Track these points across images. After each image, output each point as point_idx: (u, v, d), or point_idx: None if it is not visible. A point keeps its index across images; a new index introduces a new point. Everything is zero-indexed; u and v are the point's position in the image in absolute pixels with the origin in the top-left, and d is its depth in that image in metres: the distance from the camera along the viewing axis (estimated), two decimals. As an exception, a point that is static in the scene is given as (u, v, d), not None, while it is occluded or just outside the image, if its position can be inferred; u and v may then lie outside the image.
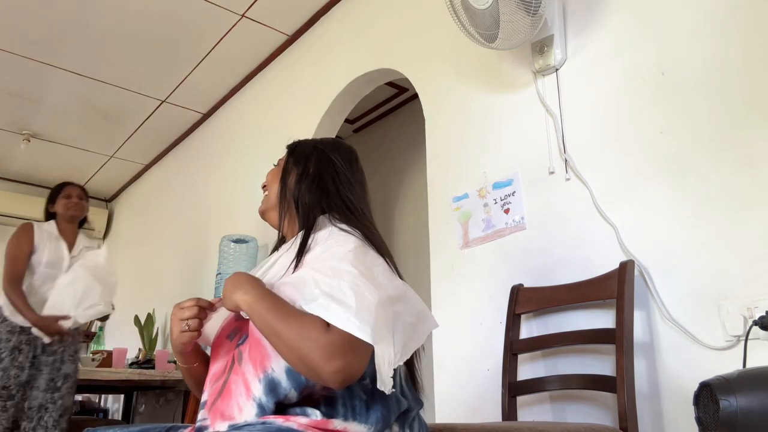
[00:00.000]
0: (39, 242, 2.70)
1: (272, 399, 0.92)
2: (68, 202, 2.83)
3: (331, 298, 0.88)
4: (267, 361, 0.94)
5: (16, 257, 2.64)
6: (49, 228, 2.78)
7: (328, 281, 0.92)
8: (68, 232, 2.82)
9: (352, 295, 0.88)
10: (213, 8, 3.12)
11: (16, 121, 4.44)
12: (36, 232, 2.72)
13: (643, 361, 1.55)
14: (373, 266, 0.98)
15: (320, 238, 1.05)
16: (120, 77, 3.82)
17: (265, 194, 1.24)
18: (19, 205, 5.37)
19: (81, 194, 2.91)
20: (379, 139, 4.23)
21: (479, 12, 1.82)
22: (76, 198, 2.86)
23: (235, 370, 0.98)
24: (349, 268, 0.93)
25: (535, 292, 1.81)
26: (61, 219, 2.82)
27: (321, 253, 1.01)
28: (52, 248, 2.71)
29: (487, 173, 2.11)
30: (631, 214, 1.66)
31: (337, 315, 0.86)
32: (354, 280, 0.91)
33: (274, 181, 1.22)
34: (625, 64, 1.75)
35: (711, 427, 0.95)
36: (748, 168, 1.43)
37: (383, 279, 0.97)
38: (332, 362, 0.85)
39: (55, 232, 2.77)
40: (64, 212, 2.81)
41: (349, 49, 2.97)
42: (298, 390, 0.92)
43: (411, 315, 0.96)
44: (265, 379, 0.93)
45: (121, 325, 4.42)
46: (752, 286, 1.38)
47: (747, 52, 1.48)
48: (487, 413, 1.88)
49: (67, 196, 2.84)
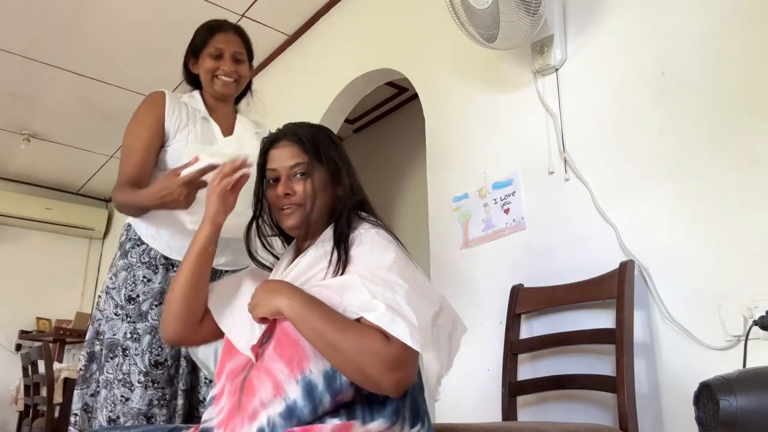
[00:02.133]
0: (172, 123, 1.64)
1: (309, 404, 0.92)
2: (216, 67, 1.67)
3: (393, 310, 0.89)
4: (305, 363, 0.94)
5: (131, 149, 1.59)
6: (190, 101, 1.70)
7: (382, 292, 0.92)
8: (220, 111, 1.73)
9: (410, 310, 0.90)
10: (213, 8, 3.12)
11: (16, 121, 4.44)
12: (168, 106, 1.65)
13: (643, 361, 1.55)
14: (416, 277, 1.00)
15: (356, 238, 1.05)
16: (120, 77, 3.82)
17: (288, 209, 1.11)
18: (19, 205, 5.37)
19: (240, 50, 1.71)
20: (379, 139, 4.23)
21: (479, 12, 1.82)
22: (231, 62, 1.68)
23: (257, 366, 0.99)
24: (399, 281, 0.95)
25: (535, 292, 1.81)
26: (207, 92, 1.72)
27: (362, 255, 1.00)
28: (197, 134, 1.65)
29: (487, 173, 2.11)
30: (631, 214, 1.66)
31: (402, 329, 0.88)
32: (407, 294, 0.93)
33: (311, 192, 1.10)
34: (625, 64, 1.75)
35: (711, 427, 0.95)
36: (748, 168, 1.43)
37: (428, 291, 0.99)
38: (394, 374, 0.88)
39: (202, 108, 1.69)
40: (209, 85, 1.69)
41: (349, 49, 2.97)
42: (332, 395, 0.93)
43: (448, 325, 1.00)
44: (302, 381, 0.93)
45: (121, 325, 4.41)
46: (752, 286, 1.38)
47: (747, 52, 1.48)
48: (487, 413, 1.88)
49: (217, 55, 1.67)
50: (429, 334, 0.90)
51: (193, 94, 1.72)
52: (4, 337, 5.29)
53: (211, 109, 1.70)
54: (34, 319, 5.43)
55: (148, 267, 1.55)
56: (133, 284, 1.54)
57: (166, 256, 1.57)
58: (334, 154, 1.15)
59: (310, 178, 1.10)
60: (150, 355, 1.49)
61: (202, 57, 1.70)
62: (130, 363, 1.49)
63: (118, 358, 1.50)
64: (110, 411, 1.46)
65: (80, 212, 5.71)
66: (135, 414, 1.45)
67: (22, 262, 5.52)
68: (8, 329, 5.31)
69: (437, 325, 0.95)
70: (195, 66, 1.74)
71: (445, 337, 0.97)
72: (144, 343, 1.50)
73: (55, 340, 4.69)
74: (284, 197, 1.11)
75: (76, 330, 4.82)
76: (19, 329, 5.31)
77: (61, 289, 5.69)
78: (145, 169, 1.57)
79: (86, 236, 5.89)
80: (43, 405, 3.15)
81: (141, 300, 1.53)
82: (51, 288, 5.63)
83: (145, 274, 1.55)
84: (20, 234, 5.56)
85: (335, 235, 1.06)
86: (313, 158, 1.12)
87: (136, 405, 1.45)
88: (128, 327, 1.51)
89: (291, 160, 1.12)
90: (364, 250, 1.01)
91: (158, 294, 1.53)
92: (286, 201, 1.11)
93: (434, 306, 0.97)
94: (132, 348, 1.50)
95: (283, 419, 0.91)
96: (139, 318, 1.52)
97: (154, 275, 1.55)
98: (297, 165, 1.11)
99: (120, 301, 1.54)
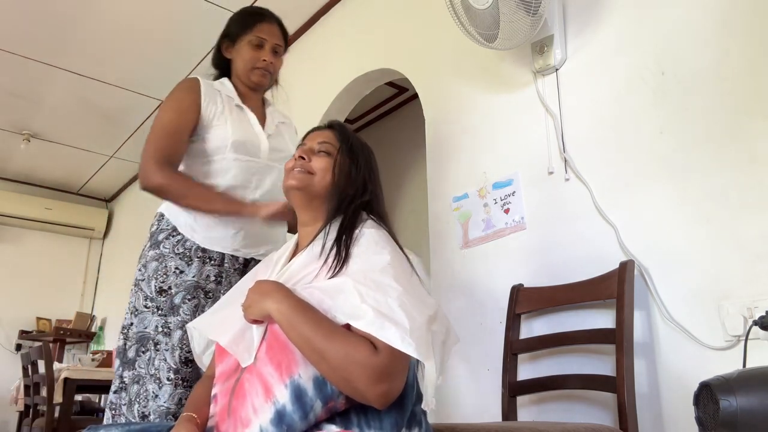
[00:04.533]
0: (209, 110, 1.58)
1: (299, 410, 0.90)
2: (256, 57, 1.64)
3: (383, 315, 0.87)
4: (294, 367, 0.92)
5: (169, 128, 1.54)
6: (222, 88, 1.65)
7: (374, 295, 0.90)
8: (252, 99, 1.69)
9: (402, 314, 0.88)
10: (213, 8, 3.12)
11: (16, 121, 4.44)
12: (204, 93, 1.59)
13: (643, 361, 1.55)
14: (411, 281, 0.98)
15: (357, 237, 1.04)
16: (120, 77, 3.82)
17: (297, 169, 1.12)
18: (19, 205, 5.37)
19: (279, 43, 1.68)
20: (379, 139, 4.23)
21: (479, 12, 1.82)
22: (271, 54, 1.65)
23: (249, 369, 0.96)
24: (392, 283, 0.93)
25: (535, 292, 1.81)
26: (239, 80, 1.68)
27: (359, 255, 0.99)
28: (233, 121, 1.59)
29: (487, 173, 2.11)
30: (631, 214, 1.66)
31: (393, 334, 0.86)
32: (400, 297, 0.90)
33: (327, 169, 1.12)
34: (625, 64, 1.75)
35: (711, 427, 0.95)
36: (748, 168, 1.43)
37: (424, 296, 0.97)
38: (379, 386, 0.86)
39: (235, 95, 1.65)
40: (244, 74, 1.65)
41: (349, 49, 2.97)
42: (324, 402, 0.91)
43: (442, 333, 0.96)
44: (291, 385, 0.91)
45: (121, 325, 4.41)
46: (752, 286, 1.38)
47: (747, 52, 1.48)
48: (487, 413, 1.88)
49: (258, 44, 1.64)
50: (424, 336, 0.88)
51: (223, 82, 1.67)
52: (4, 337, 5.30)
53: (242, 96, 1.66)
54: (34, 319, 5.44)
55: (182, 258, 1.49)
56: (164, 275, 1.47)
57: (204, 247, 1.50)
58: (362, 160, 1.17)
59: (331, 158, 1.14)
60: (180, 351, 1.42)
61: (241, 43, 1.64)
62: (160, 359, 1.42)
63: (150, 353, 1.43)
64: (143, 407, 1.39)
65: (80, 212, 5.72)
66: (163, 413, 1.37)
67: (22, 262, 5.52)
68: (8, 329, 5.31)
69: (433, 330, 0.92)
70: (230, 51, 1.68)
71: (438, 345, 0.93)
72: (174, 338, 1.43)
73: (55, 340, 4.69)
74: (298, 159, 1.14)
75: (76, 330, 4.83)
76: (19, 329, 5.31)
77: (61, 289, 5.69)
78: (181, 151, 1.53)
79: (86, 236, 5.89)
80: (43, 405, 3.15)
81: (173, 292, 1.46)
82: (51, 288, 5.63)
83: (178, 265, 1.48)
84: (20, 234, 5.56)
85: (339, 231, 1.06)
86: (343, 148, 1.15)
87: (165, 403, 1.38)
88: (159, 320, 1.44)
89: (321, 138, 1.17)
90: (361, 250, 1.00)
91: (192, 288, 1.47)
92: (299, 163, 1.13)
93: (429, 310, 0.94)
94: (162, 343, 1.43)
95: (274, 426, 0.89)
96: (171, 311, 1.45)
97: (188, 267, 1.49)
98: (324, 143, 1.16)
99: (150, 293, 1.47)
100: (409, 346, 0.84)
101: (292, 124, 1.78)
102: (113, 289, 5.47)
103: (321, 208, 1.13)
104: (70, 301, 5.67)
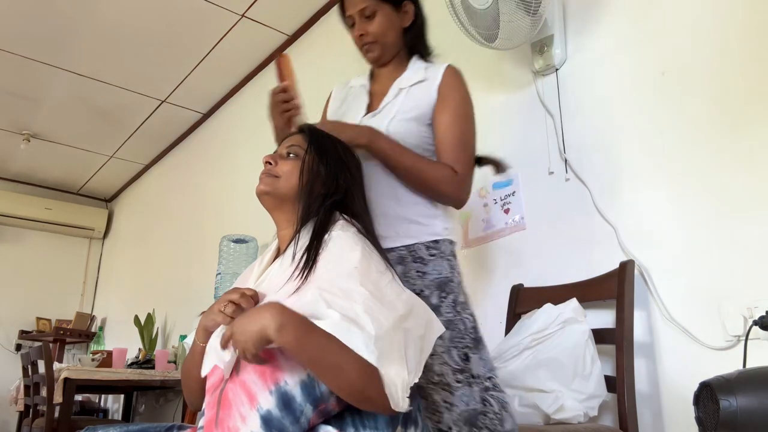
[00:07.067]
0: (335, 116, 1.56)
1: (289, 415, 0.90)
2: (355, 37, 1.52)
3: (349, 320, 0.87)
4: (279, 374, 0.92)
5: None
6: (358, 79, 1.62)
7: (339, 302, 0.90)
8: (381, 76, 1.55)
9: (368, 320, 0.87)
10: (213, 8, 3.12)
11: (16, 121, 4.44)
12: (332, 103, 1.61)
13: (643, 361, 1.55)
14: (379, 281, 0.97)
15: (327, 242, 1.04)
16: (120, 77, 3.82)
17: (265, 174, 1.14)
18: (19, 205, 5.37)
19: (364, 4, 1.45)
20: (379, 139, 4.23)
21: (479, 12, 1.82)
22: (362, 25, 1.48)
23: (231, 379, 0.96)
24: (358, 288, 0.92)
25: (535, 292, 1.81)
26: None
27: (326, 262, 0.99)
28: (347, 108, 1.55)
29: (487, 173, 2.11)
30: (631, 214, 1.66)
31: (358, 340, 0.86)
32: (366, 302, 0.90)
33: (293, 172, 1.12)
34: (625, 64, 1.75)
35: (711, 427, 0.95)
36: (748, 168, 1.43)
37: (392, 295, 0.96)
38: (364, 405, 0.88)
39: (366, 81, 1.59)
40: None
41: (350, 49, 2.96)
42: (314, 405, 0.91)
43: (420, 327, 0.95)
44: (277, 392, 0.91)
45: (121, 325, 4.42)
46: (752, 286, 1.38)
47: (747, 52, 1.48)
48: (487, 413, 1.88)
49: (351, 24, 1.51)
50: (389, 342, 0.87)
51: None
52: (4, 337, 5.29)
53: (375, 76, 1.55)
54: (34, 319, 5.44)
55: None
56: None
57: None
58: (332, 158, 1.15)
59: (299, 160, 1.14)
60: None
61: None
62: None
63: None
64: None
65: (80, 212, 5.71)
66: None
67: (22, 262, 5.52)
68: (8, 329, 5.31)
69: (404, 328, 0.91)
70: None
71: (415, 340, 0.92)
72: None
73: (55, 340, 4.69)
74: (266, 164, 1.16)
75: (76, 330, 4.83)
76: (19, 329, 5.31)
77: (61, 289, 5.69)
78: None
79: (86, 236, 5.88)
80: (43, 405, 3.14)
81: None
82: (51, 288, 5.63)
83: None
84: (20, 234, 5.56)
85: (311, 237, 1.05)
86: (311, 149, 1.15)
87: None
88: None
89: (290, 142, 1.18)
90: (328, 255, 1.00)
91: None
92: (266, 168, 1.15)
93: (399, 310, 0.93)
94: None
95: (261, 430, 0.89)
96: None
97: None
98: (293, 146, 1.17)
99: None
100: (371, 354, 0.85)
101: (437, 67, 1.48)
102: (113, 289, 5.48)
103: (293, 210, 1.13)
104: (70, 301, 5.67)
